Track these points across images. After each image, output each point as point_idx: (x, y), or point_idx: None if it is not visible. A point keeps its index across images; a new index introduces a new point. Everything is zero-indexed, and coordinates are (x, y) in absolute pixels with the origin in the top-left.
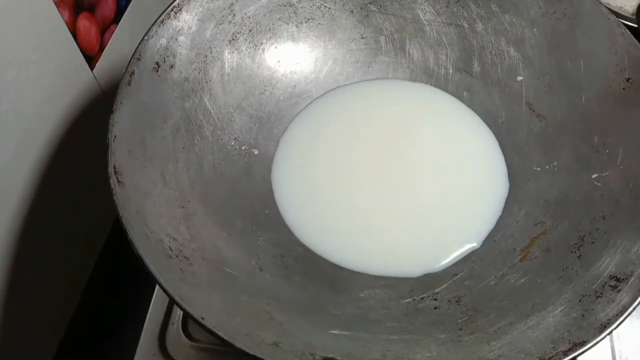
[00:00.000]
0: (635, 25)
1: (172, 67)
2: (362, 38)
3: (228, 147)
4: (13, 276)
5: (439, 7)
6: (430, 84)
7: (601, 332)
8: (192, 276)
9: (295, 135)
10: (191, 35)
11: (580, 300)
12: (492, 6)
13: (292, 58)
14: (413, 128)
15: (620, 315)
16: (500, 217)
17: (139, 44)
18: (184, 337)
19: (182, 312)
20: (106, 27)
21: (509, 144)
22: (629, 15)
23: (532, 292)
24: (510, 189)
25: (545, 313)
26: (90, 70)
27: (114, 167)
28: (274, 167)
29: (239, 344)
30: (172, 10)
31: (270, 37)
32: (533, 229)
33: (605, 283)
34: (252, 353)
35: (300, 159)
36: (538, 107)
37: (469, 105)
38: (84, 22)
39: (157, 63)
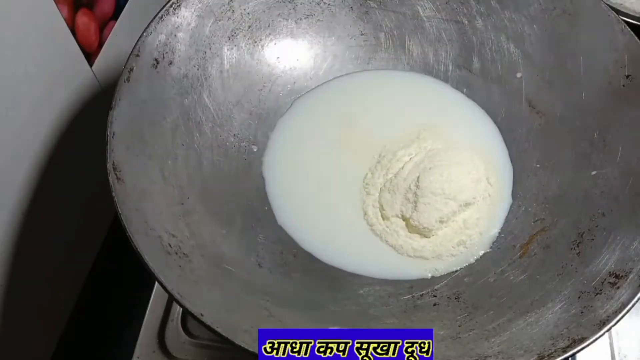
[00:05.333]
0: (635, 22)
1: (171, 63)
2: (362, 34)
3: (227, 143)
4: (12, 272)
5: (438, 4)
6: None
7: (600, 328)
8: (192, 273)
9: (287, 134)
10: (190, 32)
11: (579, 297)
12: (492, 2)
13: (291, 54)
14: (415, 123)
15: (620, 312)
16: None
17: (138, 40)
18: (183, 333)
19: (181, 309)
20: (105, 24)
21: (509, 140)
22: (630, 12)
23: (532, 288)
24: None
25: (544, 310)
26: (89, 67)
27: (113, 164)
28: (265, 169)
29: (238, 340)
30: (171, 6)
31: (270, 34)
32: (532, 226)
33: (605, 280)
34: (251, 350)
35: (292, 159)
36: (538, 104)
37: None
38: (83, 19)
39: (156, 59)
